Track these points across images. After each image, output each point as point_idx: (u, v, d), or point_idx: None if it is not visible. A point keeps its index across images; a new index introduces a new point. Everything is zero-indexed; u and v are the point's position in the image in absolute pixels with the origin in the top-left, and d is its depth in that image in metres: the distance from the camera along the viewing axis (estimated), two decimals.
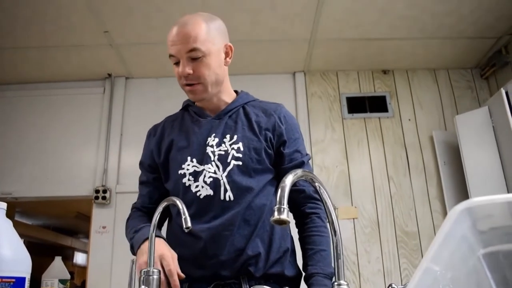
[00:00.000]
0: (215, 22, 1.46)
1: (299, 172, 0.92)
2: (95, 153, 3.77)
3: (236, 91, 1.59)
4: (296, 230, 1.49)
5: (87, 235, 3.77)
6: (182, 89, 1.46)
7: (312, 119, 3.88)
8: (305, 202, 1.45)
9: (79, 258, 10.06)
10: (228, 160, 1.39)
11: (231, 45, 1.49)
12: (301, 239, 1.44)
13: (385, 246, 3.51)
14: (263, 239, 1.36)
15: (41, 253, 8.03)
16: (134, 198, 1.61)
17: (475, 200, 0.58)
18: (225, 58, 1.48)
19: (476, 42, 3.64)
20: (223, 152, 1.41)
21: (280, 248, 1.39)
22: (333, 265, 1.02)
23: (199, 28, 1.38)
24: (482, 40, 3.60)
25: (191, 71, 1.38)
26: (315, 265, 1.33)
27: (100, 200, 3.56)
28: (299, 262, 1.44)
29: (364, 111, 3.91)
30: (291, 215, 1.49)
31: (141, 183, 1.57)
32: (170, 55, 1.40)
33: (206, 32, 1.39)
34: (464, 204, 0.58)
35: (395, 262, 3.46)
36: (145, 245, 1.30)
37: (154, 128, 1.60)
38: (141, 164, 1.58)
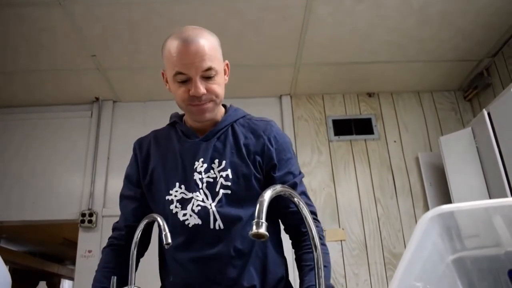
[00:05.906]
0: (216, 37, 1.37)
1: (278, 187, 0.93)
2: (82, 176, 3.75)
3: (224, 106, 1.51)
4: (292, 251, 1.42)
5: (73, 261, 3.72)
6: (184, 109, 1.37)
7: (298, 142, 3.90)
8: (303, 222, 1.40)
9: (66, 285, 9.89)
10: (217, 189, 1.32)
11: (228, 62, 1.44)
12: (298, 257, 1.36)
13: (373, 268, 3.50)
14: (257, 268, 1.32)
15: (27, 280, 7.90)
16: None
17: (443, 207, 0.60)
18: (225, 76, 1.42)
19: (457, 65, 3.71)
20: (211, 180, 1.33)
21: (276, 277, 1.35)
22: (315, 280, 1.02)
23: (211, 44, 1.30)
24: (463, 63, 3.67)
25: (205, 91, 1.29)
26: (312, 279, 1.25)
27: (86, 223, 3.53)
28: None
29: (350, 133, 3.94)
30: (286, 236, 1.46)
31: (127, 197, 1.46)
32: (178, 73, 1.28)
33: (216, 49, 1.33)
34: (433, 212, 0.60)
35: (383, 284, 3.45)
36: None
37: (140, 143, 1.50)
38: (128, 177, 1.47)
